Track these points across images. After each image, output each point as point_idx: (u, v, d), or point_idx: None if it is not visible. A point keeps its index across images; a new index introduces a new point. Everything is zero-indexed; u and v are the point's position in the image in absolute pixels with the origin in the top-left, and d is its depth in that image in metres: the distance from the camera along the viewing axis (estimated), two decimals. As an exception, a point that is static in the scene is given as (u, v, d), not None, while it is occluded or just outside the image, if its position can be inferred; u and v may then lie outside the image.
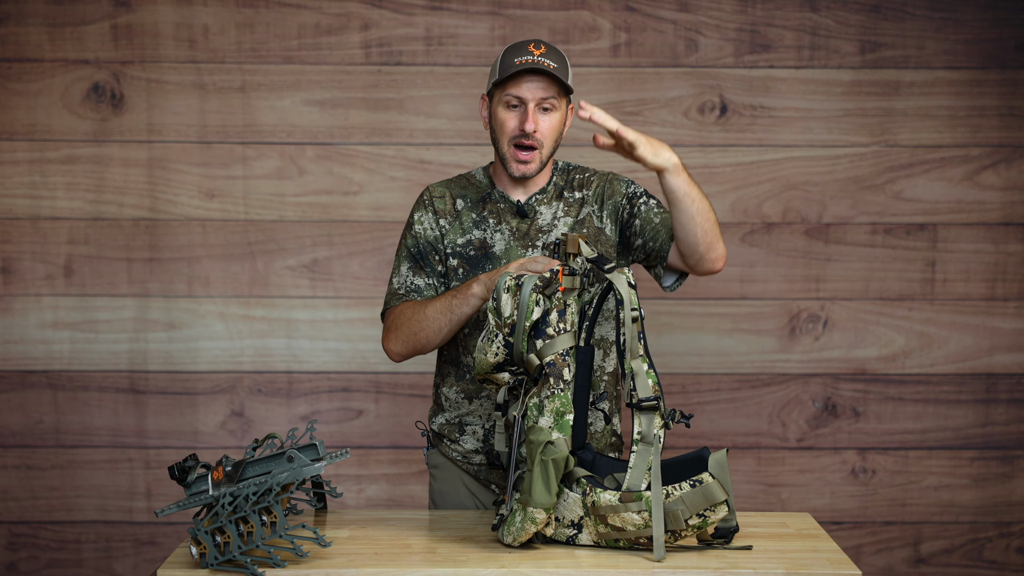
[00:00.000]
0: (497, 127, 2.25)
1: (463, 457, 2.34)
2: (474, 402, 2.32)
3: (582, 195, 2.33)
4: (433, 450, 2.41)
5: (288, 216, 3.17)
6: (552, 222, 2.30)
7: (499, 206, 2.31)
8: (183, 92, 3.13)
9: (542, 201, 2.32)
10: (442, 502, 2.39)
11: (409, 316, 2.23)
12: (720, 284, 3.20)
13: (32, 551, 3.22)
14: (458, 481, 2.36)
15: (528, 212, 2.30)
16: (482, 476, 2.33)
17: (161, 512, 1.94)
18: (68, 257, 3.16)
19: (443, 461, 2.38)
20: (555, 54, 2.23)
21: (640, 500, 1.89)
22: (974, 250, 3.20)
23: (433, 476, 2.41)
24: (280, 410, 3.20)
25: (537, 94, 2.21)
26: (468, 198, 2.33)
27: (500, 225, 2.30)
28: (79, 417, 3.19)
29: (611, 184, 2.34)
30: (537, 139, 2.23)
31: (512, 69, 2.19)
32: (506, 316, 1.94)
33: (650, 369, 1.93)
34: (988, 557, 3.26)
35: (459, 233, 2.30)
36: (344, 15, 3.13)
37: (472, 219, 2.31)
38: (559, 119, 2.25)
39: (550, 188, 2.33)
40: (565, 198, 2.32)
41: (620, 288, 1.93)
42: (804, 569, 1.88)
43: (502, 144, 2.25)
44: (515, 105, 2.23)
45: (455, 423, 2.34)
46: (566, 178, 2.35)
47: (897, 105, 3.17)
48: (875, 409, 3.23)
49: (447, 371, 2.36)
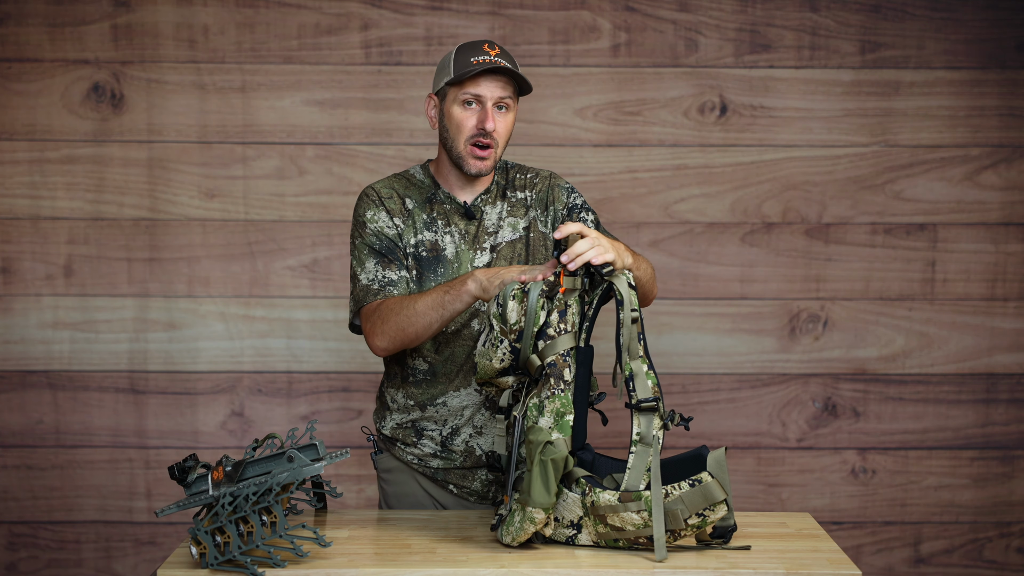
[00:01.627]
0: (452, 126, 2.24)
1: (419, 460, 2.32)
2: (428, 409, 2.29)
3: (525, 196, 2.33)
4: (383, 454, 2.37)
5: (288, 216, 3.17)
6: (497, 223, 2.30)
7: (446, 207, 2.30)
8: (183, 92, 3.13)
9: (487, 201, 2.31)
10: (397, 505, 2.36)
11: (397, 311, 2.17)
12: (720, 284, 3.20)
13: (32, 551, 3.22)
14: (413, 483, 2.34)
15: (475, 213, 2.29)
16: (439, 478, 2.31)
17: (161, 512, 1.94)
18: (68, 257, 3.16)
19: (396, 464, 2.35)
20: (508, 56, 2.23)
21: (639, 500, 1.89)
22: (974, 250, 3.20)
23: (385, 480, 2.38)
24: (280, 410, 3.20)
25: (496, 93, 2.21)
26: (413, 198, 2.31)
27: (449, 227, 2.28)
28: (79, 417, 3.19)
29: (553, 190, 2.34)
30: (494, 138, 2.23)
31: (471, 68, 2.18)
32: (512, 323, 1.94)
33: (650, 370, 1.93)
34: (988, 557, 3.26)
35: (411, 234, 2.28)
36: (344, 15, 3.13)
37: (423, 220, 2.29)
38: (513, 119, 2.26)
39: (493, 188, 2.33)
40: (508, 198, 2.32)
41: (620, 289, 1.93)
42: (804, 569, 1.88)
43: (458, 143, 2.24)
44: (471, 103, 2.22)
45: (408, 427, 2.32)
46: (506, 177, 2.35)
47: (897, 105, 3.17)
48: (875, 409, 3.23)
49: (394, 372, 2.33)
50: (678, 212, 3.18)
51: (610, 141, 3.17)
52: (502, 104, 2.23)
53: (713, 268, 3.19)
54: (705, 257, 3.19)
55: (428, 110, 2.30)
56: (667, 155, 3.17)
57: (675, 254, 3.19)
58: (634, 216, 3.16)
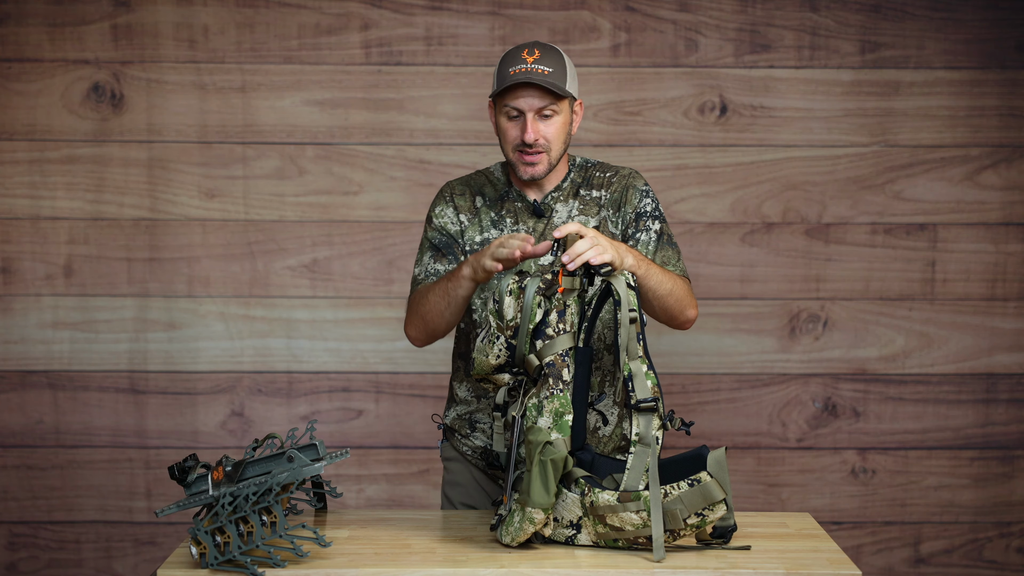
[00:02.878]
0: (501, 135, 2.25)
1: (473, 452, 2.37)
2: (482, 400, 2.34)
3: (599, 195, 2.31)
4: (446, 444, 2.43)
5: (288, 216, 3.17)
6: (567, 220, 2.29)
7: (516, 205, 2.31)
8: (183, 92, 3.13)
9: (558, 199, 2.31)
10: (454, 495, 2.41)
11: (419, 301, 2.25)
12: (720, 284, 3.20)
13: (32, 551, 3.22)
14: (469, 475, 2.39)
15: (545, 211, 2.30)
16: (490, 471, 2.36)
17: (161, 512, 1.94)
18: (68, 257, 3.16)
19: (455, 455, 2.41)
20: (550, 58, 2.19)
21: (638, 500, 1.89)
22: (974, 250, 3.20)
23: (446, 468, 2.44)
24: (280, 410, 3.20)
25: (533, 104, 2.19)
26: (487, 196, 2.33)
27: (517, 225, 2.30)
28: (79, 417, 3.19)
29: (627, 191, 2.31)
30: (542, 144, 2.21)
31: (506, 81, 2.18)
32: (509, 319, 1.94)
33: (649, 371, 1.93)
34: (988, 557, 3.26)
35: (477, 231, 2.31)
36: (344, 15, 3.13)
37: (491, 218, 2.31)
38: (562, 122, 2.23)
39: (566, 185, 2.32)
40: (581, 196, 2.31)
41: (618, 289, 1.93)
42: (804, 569, 1.88)
43: (507, 151, 2.25)
44: (515, 116, 2.22)
45: (466, 418, 2.37)
46: (584, 175, 2.33)
47: (897, 105, 3.17)
48: (875, 409, 3.23)
49: (458, 366, 2.38)
50: (678, 212, 3.18)
51: (610, 141, 3.17)
52: (545, 112, 2.21)
53: (713, 268, 3.20)
54: (705, 257, 3.19)
55: (490, 116, 2.31)
56: (667, 155, 3.17)
57: (675, 254, 3.19)
58: (634, 216, 3.16)
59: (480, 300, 2.30)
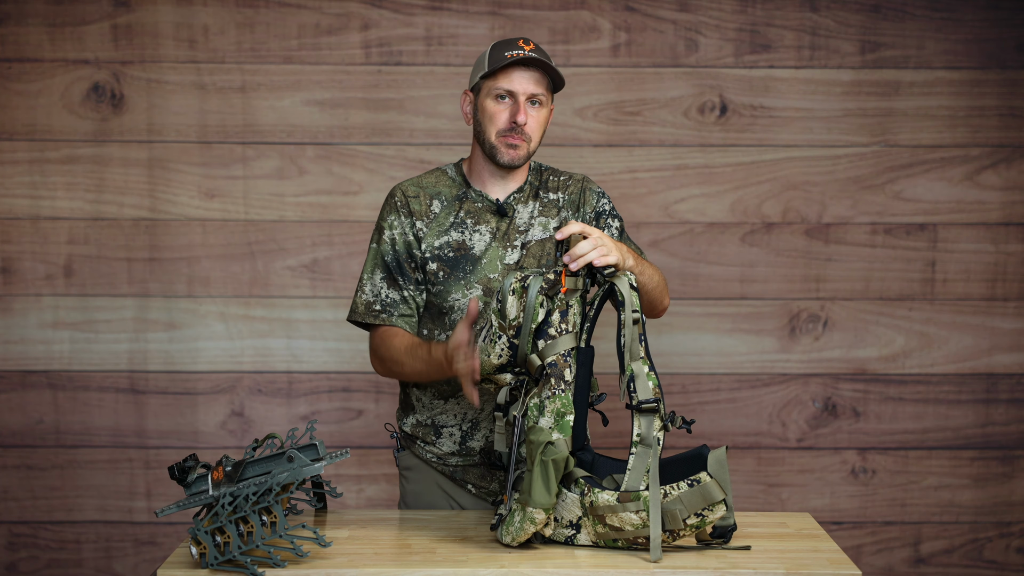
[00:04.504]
0: (486, 119, 2.24)
1: (438, 459, 2.33)
2: (449, 401, 2.30)
3: (556, 197, 2.33)
4: (404, 452, 2.39)
5: (288, 216, 3.17)
6: (529, 221, 2.30)
7: (476, 205, 2.30)
8: (183, 92, 3.13)
9: (519, 200, 2.32)
10: (415, 503, 2.37)
11: (391, 356, 2.23)
12: (720, 284, 3.20)
13: (32, 551, 3.22)
14: (432, 483, 2.35)
15: (507, 210, 2.30)
16: (458, 476, 2.32)
17: (161, 512, 1.94)
18: (68, 257, 3.16)
19: (416, 463, 2.37)
20: (542, 53, 2.24)
21: (638, 500, 1.89)
22: (974, 250, 3.20)
23: (405, 478, 2.39)
24: (280, 410, 3.20)
25: (528, 87, 2.22)
26: (443, 196, 2.31)
27: (479, 225, 2.28)
28: (79, 417, 3.19)
29: (584, 193, 2.35)
30: (526, 133, 2.23)
31: (504, 61, 2.19)
32: (511, 318, 1.94)
33: (651, 371, 1.93)
34: (988, 557, 3.26)
35: (436, 235, 2.28)
36: (344, 15, 3.13)
37: (449, 220, 2.29)
38: (546, 115, 2.27)
39: (526, 187, 2.33)
40: (540, 198, 2.33)
41: (622, 290, 1.93)
42: (804, 569, 1.88)
43: (490, 135, 2.24)
44: (504, 97, 2.22)
45: (428, 424, 2.33)
46: (539, 178, 2.36)
47: (897, 105, 3.17)
48: (875, 409, 3.23)
49: None
50: (678, 212, 3.18)
51: (610, 141, 3.17)
52: (535, 99, 2.23)
53: (713, 268, 3.20)
54: (705, 257, 3.19)
55: (463, 106, 2.31)
56: (667, 155, 3.17)
57: (675, 254, 3.19)
58: (634, 216, 3.16)
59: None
